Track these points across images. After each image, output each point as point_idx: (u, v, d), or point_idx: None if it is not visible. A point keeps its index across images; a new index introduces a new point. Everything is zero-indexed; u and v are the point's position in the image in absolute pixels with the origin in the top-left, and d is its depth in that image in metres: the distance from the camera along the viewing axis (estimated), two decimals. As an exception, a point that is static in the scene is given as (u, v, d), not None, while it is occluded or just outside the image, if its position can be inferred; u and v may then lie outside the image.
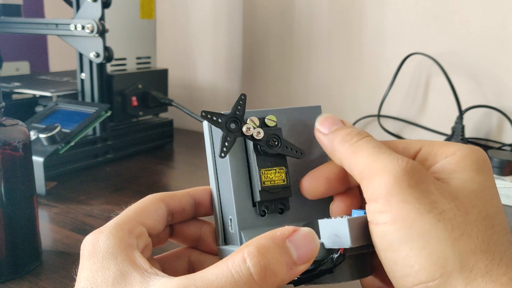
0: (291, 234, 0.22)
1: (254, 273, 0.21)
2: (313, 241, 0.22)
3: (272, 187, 0.27)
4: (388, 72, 0.79)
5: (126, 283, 0.22)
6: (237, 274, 0.21)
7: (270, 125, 0.28)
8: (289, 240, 0.22)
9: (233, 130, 0.26)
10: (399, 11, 0.77)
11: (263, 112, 0.28)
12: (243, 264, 0.21)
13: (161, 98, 0.80)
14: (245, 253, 0.21)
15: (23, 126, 0.40)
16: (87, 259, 0.23)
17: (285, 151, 0.27)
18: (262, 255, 0.21)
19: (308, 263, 0.22)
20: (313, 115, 0.28)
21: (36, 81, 0.85)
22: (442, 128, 0.76)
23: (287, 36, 0.88)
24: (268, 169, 0.27)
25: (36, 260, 0.42)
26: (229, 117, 0.26)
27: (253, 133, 0.26)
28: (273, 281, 0.21)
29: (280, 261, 0.21)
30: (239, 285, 0.20)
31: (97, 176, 0.66)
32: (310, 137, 0.28)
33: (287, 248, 0.22)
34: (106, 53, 0.67)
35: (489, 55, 0.72)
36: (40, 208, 0.54)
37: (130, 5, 0.77)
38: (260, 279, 0.21)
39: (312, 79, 0.87)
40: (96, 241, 0.24)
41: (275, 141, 0.27)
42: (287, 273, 0.22)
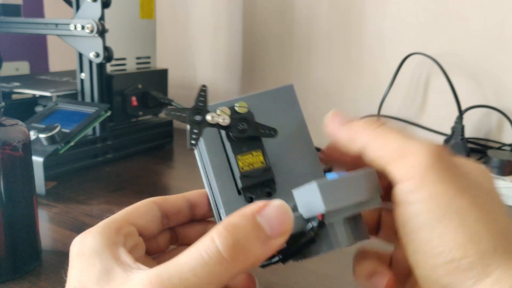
0: (262, 208, 0.22)
1: (223, 251, 0.20)
2: (285, 212, 0.22)
3: (252, 171, 0.26)
4: (388, 72, 0.79)
5: (109, 278, 0.22)
6: (207, 254, 0.20)
7: (241, 111, 0.27)
8: (260, 215, 0.22)
9: (198, 122, 0.26)
10: (399, 11, 0.77)
11: (233, 101, 0.28)
12: (212, 244, 0.20)
13: (161, 98, 0.80)
14: (213, 233, 0.21)
15: (23, 126, 0.40)
16: (75, 259, 0.24)
17: (256, 132, 0.26)
18: (230, 233, 0.21)
19: (284, 236, 0.22)
20: (285, 96, 0.28)
21: (36, 81, 0.85)
22: (442, 128, 0.76)
23: (287, 36, 0.88)
24: (245, 154, 0.27)
25: (36, 260, 0.42)
26: (193, 110, 0.26)
27: (218, 121, 0.26)
28: (246, 258, 0.21)
29: (250, 237, 0.21)
30: (209, 265, 0.20)
31: (97, 176, 0.66)
32: (286, 117, 0.28)
33: (258, 223, 0.21)
34: (106, 53, 0.67)
35: (489, 55, 0.72)
36: (40, 208, 0.54)
37: (130, 5, 0.77)
38: (230, 256, 0.20)
39: (312, 79, 0.87)
40: (83, 240, 0.24)
41: (244, 125, 0.26)
42: (261, 248, 0.21)
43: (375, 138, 0.24)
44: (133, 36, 0.78)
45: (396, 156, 0.23)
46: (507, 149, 0.68)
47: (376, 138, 0.24)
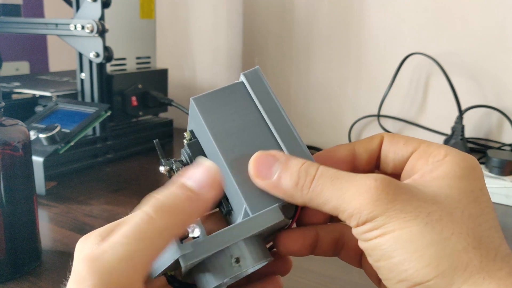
0: (190, 173, 0.23)
1: (150, 210, 0.21)
2: (212, 169, 0.23)
3: None
4: (388, 72, 0.79)
5: None
6: (137, 217, 0.21)
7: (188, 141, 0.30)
8: (188, 178, 0.23)
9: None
10: (399, 11, 0.77)
11: None
12: (141, 211, 0.22)
13: (161, 98, 0.80)
14: (136, 212, 0.22)
15: (23, 126, 0.40)
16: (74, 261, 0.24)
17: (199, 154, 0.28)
18: (156, 197, 0.22)
19: (215, 188, 0.23)
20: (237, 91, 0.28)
21: (36, 81, 0.85)
22: (442, 128, 0.76)
23: (287, 36, 0.88)
24: None
25: (36, 260, 0.42)
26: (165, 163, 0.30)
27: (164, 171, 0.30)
28: (174, 214, 0.22)
29: (176, 195, 0.22)
30: (139, 225, 0.21)
31: (97, 176, 0.66)
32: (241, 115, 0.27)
33: (182, 183, 0.23)
34: (106, 53, 0.67)
35: (489, 55, 0.72)
36: (40, 208, 0.54)
37: (130, 5, 0.77)
38: (157, 214, 0.21)
39: (312, 79, 0.87)
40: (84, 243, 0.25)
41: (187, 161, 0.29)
42: (192, 204, 0.22)
43: (315, 196, 0.24)
44: (133, 36, 0.78)
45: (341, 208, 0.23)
46: (507, 149, 0.68)
47: (315, 196, 0.24)
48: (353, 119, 0.83)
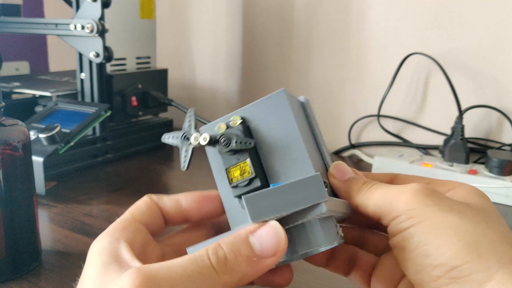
0: (256, 229, 0.24)
1: (212, 261, 0.22)
2: (276, 234, 0.23)
3: (239, 181, 0.28)
4: (387, 72, 0.79)
5: (105, 273, 0.23)
6: (200, 258, 0.22)
7: (234, 125, 0.29)
8: (254, 235, 0.23)
9: (185, 143, 0.28)
10: (399, 11, 0.77)
11: (229, 115, 0.30)
12: (205, 253, 0.23)
13: (161, 98, 0.80)
14: (209, 245, 0.23)
15: (23, 126, 0.40)
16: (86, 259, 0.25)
17: (237, 146, 0.28)
18: (220, 247, 0.23)
19: (275, 257, 0.23)
20: (277, 102, 0.29)
21: (36, 81, 0.85)
22: (442, 128, 0.76)
23: (287, 36, 0.88)
24: (234, 166, 0.28)
25: (36, 260, 0.42)
26: (182, 133, 0.29)
27: (200, 141, 0.28)
28: (232, 271, 0.23)
29: (239, 253, 0.23)
30: (200, 266, 0.22)
31: (97, 176, 0.66)
32: (279, 124, 0.29)
33: (249, 242, 0.23)
34: (105, 53, 0.67)
35: (488, 55, 0.72)
36: (40, 208, 0.54)
37: (130, 5, 0.77)
38: (218, 267, 0.22)
39: (312, 79, 0.87)
40: (94, 242, 0.26)
41: (224, 141, 0.28)
42: (249, 266, 0.23)
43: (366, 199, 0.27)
44: (133, 36, 0.78)
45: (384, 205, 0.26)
46: (507, 149, 0.68)
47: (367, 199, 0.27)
48: (353, 119, 0.83)
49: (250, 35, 0.93)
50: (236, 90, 0.96)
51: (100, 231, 0.27)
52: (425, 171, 0.65)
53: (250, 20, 0.92)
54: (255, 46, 0.93)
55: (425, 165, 0.66)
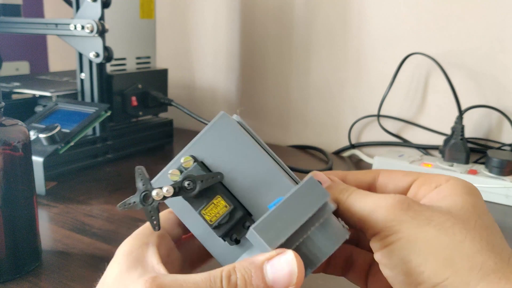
0: (273, 257, 0.23)
1: (224, 284, 0.22)
2: (292, 267, 0.23)
3: (219, 219, 0.27)
4: (387, 72, 0.79)
5: (128, 275, 0.24)
6: (213, 278, 0.23)
7: (187, 166, 0.28)
8: (269, 263, 0.23)
9: (148, 203, 0.27)
10: (399, 11, 0.77)
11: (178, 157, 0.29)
12: (219, 274, 0.23)
13: (161, 98, 0.80)
14: (225, 267, 0.23)
15: (23, 126, 0.40)
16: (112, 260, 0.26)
17: (206, 184, 0.27)
18: (234, 272, 0.23)
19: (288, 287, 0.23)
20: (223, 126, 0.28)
21: (36, 81, 0.85)
22: (442, 128, 0.76)
23: (286, 36, 0.88)
24: (207, 206, 0.27)
25: (36, 260, 0.42)
26: (138, 194, 0.27)
27: (164, 194, 0.27)
28: None
29: (250, 282, 0.23)
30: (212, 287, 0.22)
31: (97, 176, 0.66)
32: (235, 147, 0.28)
33: (262, 270, 0.23)
34: (105, 53, 0.67)
35: (489, 55, 0.72)
36: (40, 208, 0.54)
37: (130, 5, 0.77)
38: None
39: (312, 79, 0.87)
40: (121, 244, 0.27)
41: (189, 184, 0.27)
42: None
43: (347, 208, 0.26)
44: (133, 36, 0.78)
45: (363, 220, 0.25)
46: (507, 149, 0.68)
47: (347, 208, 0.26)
48: (353, 119, 0.83)
49: (250, 35, 0.93)
50: (236, 90, 0.96)
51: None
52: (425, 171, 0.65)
53: (250, 20, 0.92)
54: (255, 46, 0.93)
55: (425, 165, 0.66)
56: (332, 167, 0.74)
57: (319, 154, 0.84)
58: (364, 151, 0.83)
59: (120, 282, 0.24)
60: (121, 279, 0.24)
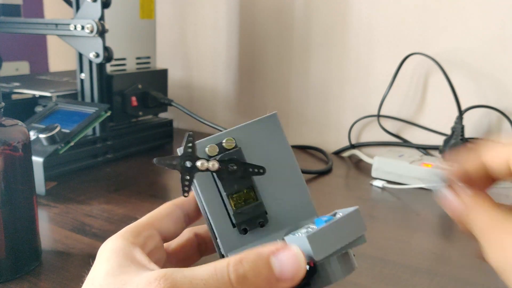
0: (279, 250, 0.23)
1: (232, 277, 0.22)
2: (299, 261, 0.23)
3: (244, 208, 0.28)
4: (387, 72, 0.79)
5: (122, 273, 0.23)
6: (220, 273, 0.22)
7: (229, 148, 0.28)
8: (275, 256, 0.23)
9: (189, 169, 0.27)
10: (398, 10, 0.77)
11: (220, 136, 0.29)
12: (226, 268, 0.23)
13: (161, 98, 0.80)
14: (231, 259, 0.23)
15: (23, 126, 0.40)
16: (96, 259, 0.26)
17: (246, 172, 0.28)
18: (243, 265, 0.23)
19: (292, 282, 0.23)
20: (270, 124, 0.29)
21: (36, 81, 0.85)
22: (442, 128, 0.76)
23: (286, 36, 0.88)
24: (236, 192, 0.28)
25: (36, 260, 0.42)
26: (183, 157, 0.27)
27: (208, 166, 0.27)
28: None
29: (259, 273, 0.23)
30: (219, 283, 0.22)
31: (97, 176, 0.66)
32: (272, 147, 0.29)
33: (270, 263, 0.23)
34: (105, 53, 0.67)
35: (489, 55, 0.72)
36: (40, 208, 0.54)
37: (130, 5, 0.77)
38: (237, 283, 0.22)
39: (312, 79, 0.87)
40: (106, 243, 0.26)
41: (234, 166, 0.27)
42: (266, 286, 0.23)
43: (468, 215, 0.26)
44: (133, 36, 0.78)
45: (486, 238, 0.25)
46: (507, 149, 0.68)
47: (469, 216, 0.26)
48: (353, 119, 0.83)
49: (249, 35, 0.93)
50: (235, 90, 0.96)
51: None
52: (425, 171, 0.65)
53: (250, 20, 0.92)
54: (255, 47, 0.93)
55: (425, 165, 0.66)
56: (332, 168, 0.74)
57: (319, 154, 0.84)
58: (364, 151, 0.83)
59: (115, 279, 0.23)
60: (114, 275, 0.23)
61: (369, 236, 0.27)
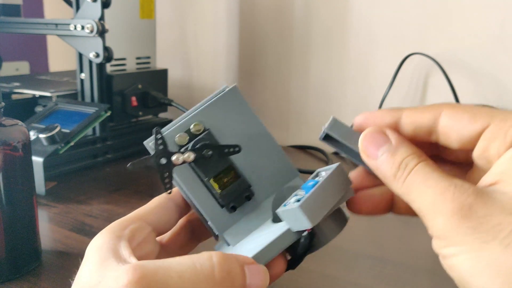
0: (250, 264, 0.24)
1: (217, 270, 0.23)
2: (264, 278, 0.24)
3: (228, 189, 0.28)
4: (387, 72, 0.79)
5: (103, 266, 0.23)
6: (200, 265, 0.22)
7: (198, 133, 0.28)
8: (248, 267, 0.24)
9: (165, 165, 0.27)
10: (398, 10, 0.77)
11: (186, 122, 0.29)
12: (209, 260, 0.23)
13: (161, 98, 0.80)
14: (212, 254, 0.23)
15: (23, 126, 0.40)
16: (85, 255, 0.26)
17: (222, 154, 0.28)
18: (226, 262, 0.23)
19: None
20: (233, 99, 0.30)
21: (36, 81, 0.85)
22: (442, 128, 0.76)
23: (286, 36, 0.88)
24: (217, 175, 0.28)
25: (35, 260, 0.42)
26: (156, 156, 0.27)
27: (184, 159, 0.27)
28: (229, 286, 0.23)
29: (238, 276, 0.23)
30: (198, 275, 0.22)
31: (97, 176, 0.66)
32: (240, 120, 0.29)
33: (244, 271, 0.24)
34: (105, 53, 0.67)
35: (489, 55, 0.72)
36: (40, 208, 0.54)
37: (130, 5, 0.77)
38: (220, 278, 0.23)
39: (312, 78, 0.87)
40: (94, 238, 0.26)
41: (209, 151, 0.27)
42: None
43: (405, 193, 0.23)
44: (133, 36, 0.78)
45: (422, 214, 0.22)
46: (507, 149, 0.68)
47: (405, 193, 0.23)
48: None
49: (249, 35, 0.93)
50: (236, 90, 0.96)
51: (100, 231, 0.27)
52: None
53: (250, 20, 0.92)
54: (255, 46, 0.93)
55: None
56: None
57: (319, 154, 0.84)
58: (364, 151, 0.83)
59: (97, 275, 0.23)
60: (96, 271, 0.23)
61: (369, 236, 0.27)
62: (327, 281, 0.40)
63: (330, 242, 0.27)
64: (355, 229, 0.48)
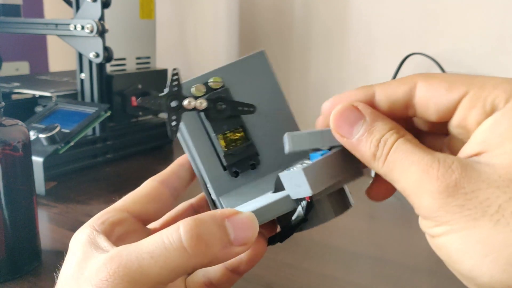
0: (232, 215, 0.22)
1: (184, 240, 0.21)
2: (252, 226, 0.22)
3: (235, 149, 0.27)
4: (387, 72, 0.79)
5: (84, 259, 0.23)
6: (168, 240, 0.21)
7: (216, 87, 0.27)
8: (229, 220, 0.22)
9: (175, 108, 0.25)
10: (398, 10, 0.77)
11: (207, 76, 0.27)
12: (176, 232, 0.21)
13: (161, 98, 0.80)
14: (180, 222, 0.21)
15: (23, 126, 0.40)
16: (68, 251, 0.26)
17: (235, 111, 0.26)
18: (196, 226, 0.21)
19: (244, 247, 0.22)
20: (258, 63, 0.28)
21: (36, 81, 0.85)
22: (442, 128, 0.76)
23: (286, 36, 0.88)
24: (226, 133, 0.27)
25: (35, 260, 0.42)
26: (168, 96, 0.25)
27: (195, 105, 0.25)
28: (205, 252, 0.21)
29: (214, 235, 0.21)
30: (168, 250, 0.21)
31: (97, 176, 0.66)
32: (261, 85, 0.28)
33: (225, 227, 0.22)
34: (105, 53, 0.67)
35: (488, 55, 0.72)
36: (39, 208, 0.54)
37: (130, 5, 0.77)
38: (190, 246, 0.21)
39: (312, 78, 0.87)
40: (75, 234, 0.26)
41: (222, 105, 0.26)
42: (221, 250, 0.22)
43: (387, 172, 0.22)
44: (133, 36, 0.78)
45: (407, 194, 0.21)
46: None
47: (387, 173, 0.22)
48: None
49: (249, 35, 0.93)
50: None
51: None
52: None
53: (250, 20, 0.92)
54: (255, 46, 0.93)
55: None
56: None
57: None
58: (364, 151, 0.83)
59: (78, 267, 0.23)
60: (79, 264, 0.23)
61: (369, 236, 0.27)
62: (326, 281, 0.40)
63: (330, 242, 0.27)
64: (355, 229, 0.48)
